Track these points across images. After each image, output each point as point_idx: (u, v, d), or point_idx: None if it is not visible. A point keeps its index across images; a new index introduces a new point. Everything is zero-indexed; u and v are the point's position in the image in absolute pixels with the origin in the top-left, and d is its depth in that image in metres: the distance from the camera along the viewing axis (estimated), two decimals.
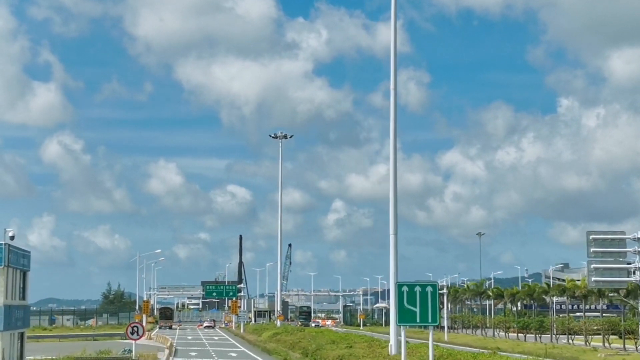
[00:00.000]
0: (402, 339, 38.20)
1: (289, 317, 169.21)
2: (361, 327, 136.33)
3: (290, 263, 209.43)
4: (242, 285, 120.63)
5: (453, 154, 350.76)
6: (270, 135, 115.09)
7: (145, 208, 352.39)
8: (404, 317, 37.00)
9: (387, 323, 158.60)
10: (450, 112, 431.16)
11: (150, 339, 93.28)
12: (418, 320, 37.16)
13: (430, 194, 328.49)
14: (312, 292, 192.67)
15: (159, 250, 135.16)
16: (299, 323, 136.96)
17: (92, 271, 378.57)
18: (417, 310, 37.05)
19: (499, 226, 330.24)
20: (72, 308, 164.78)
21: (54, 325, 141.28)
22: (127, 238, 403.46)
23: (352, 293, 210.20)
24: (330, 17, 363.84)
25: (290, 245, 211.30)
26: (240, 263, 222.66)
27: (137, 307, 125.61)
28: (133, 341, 47.00)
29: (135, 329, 46.89)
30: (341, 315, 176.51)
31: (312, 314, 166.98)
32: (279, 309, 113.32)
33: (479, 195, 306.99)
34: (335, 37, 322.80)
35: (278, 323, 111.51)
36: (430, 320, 36.84)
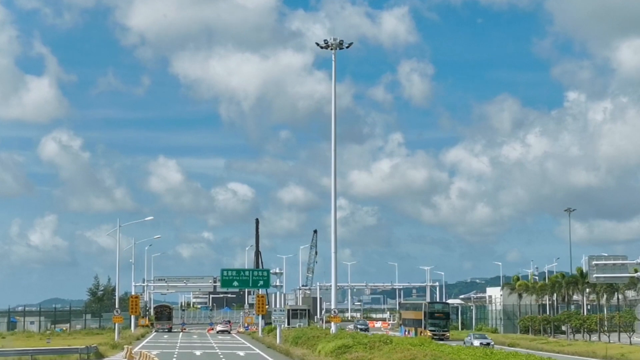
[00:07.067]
0: None
1: (314, 319, 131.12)
2: None
3: (317, 253, 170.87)
4: (277, 271, 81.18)
5: (458, 150, 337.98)
6: (318, 45, 76.17)
7: (147, 207, 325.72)
8: None
9: (466, 326, 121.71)
10: (454, 106, 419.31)
11: (131, 358, 54.23)
12: None
13: (436, 191, 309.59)
14: (350, 284, 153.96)
15: (149, 218, 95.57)
16: (429, 334, 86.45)
17: (97, 271, 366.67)
18: None
19: (506, 223, 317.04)
20: (37, 308, 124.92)
21: (13, 331, 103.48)
22: (129, 237, 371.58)
23: (361, 285, 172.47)
24: (331, 5, 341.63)
25: (315, 231, 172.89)
26: (258, 252, 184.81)
27: (116, 306, 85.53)
28: None
29: None
30: (399, 314, 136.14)
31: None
32: (333, 307, 74.18)
33: (485, 191, 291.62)
34: (337, 26, 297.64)
35: (333, 328, 72.56)
36: None
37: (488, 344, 71.16)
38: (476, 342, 71.68)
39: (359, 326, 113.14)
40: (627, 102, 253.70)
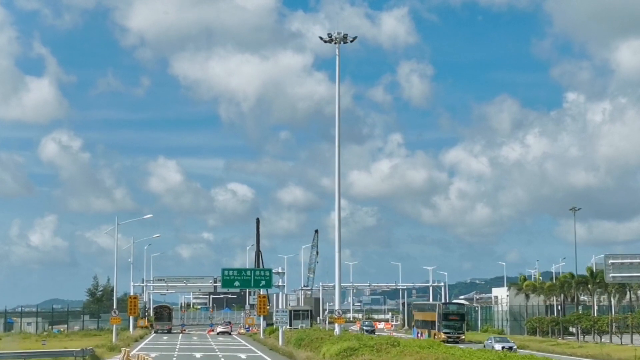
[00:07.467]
0: None
1: (316, 320, 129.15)
2: None
3: (317, 253, 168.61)
4: (280, 270, 79.31)
5: (457, 150, 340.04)
6: (321, 39, 74.40)
7: (147, 207, 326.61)
8: None
9: (471, 327, 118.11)
10: (454, 106, 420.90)
11: None
12: None
13: (435, 192, 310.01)
14: (352, 284, 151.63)
15: (148, 215, 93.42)
16: (443, 336, 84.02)
17: (97, 271, 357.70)
18: None
19: (505, 224, 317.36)
20: (34, 309, 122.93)
21: (9, 332, 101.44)
22: (128, 237, 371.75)
23: (364, 285, 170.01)
24: (330, 6, 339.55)
25: (316, 231, 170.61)
26: (258, 252, 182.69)
27: (114, 306, 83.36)
28: None
29: None
30: (403, 315, 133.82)
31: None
32: (338, 308, 72.29)
33: (484, 192, 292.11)
34: (337, 27, 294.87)
35: (337, 329, 70.64)
36: None
37: (511, 347, 66.22)
38: (497, 346, 66.71)
39: (365, 328, 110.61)
40: (626, 103, 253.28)
